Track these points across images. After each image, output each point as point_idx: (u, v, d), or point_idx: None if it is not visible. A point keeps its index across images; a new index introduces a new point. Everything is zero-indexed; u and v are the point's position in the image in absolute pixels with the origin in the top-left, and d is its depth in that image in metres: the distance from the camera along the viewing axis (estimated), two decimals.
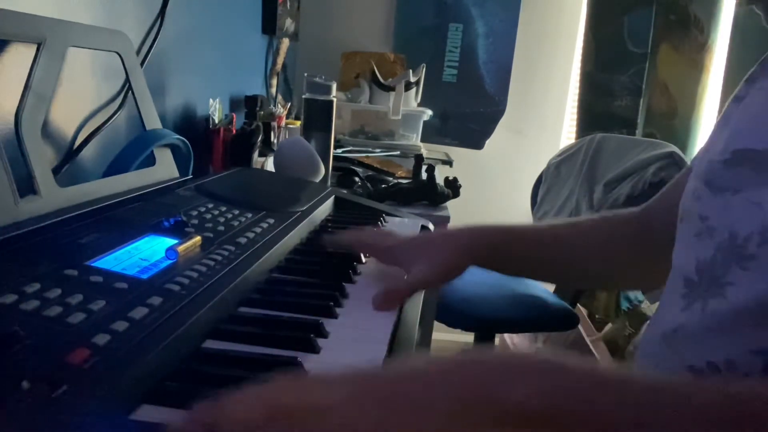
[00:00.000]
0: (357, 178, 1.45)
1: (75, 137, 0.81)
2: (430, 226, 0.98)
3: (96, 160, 0.85)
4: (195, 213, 0.69)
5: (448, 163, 2.12)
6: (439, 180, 1.39)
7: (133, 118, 0.87)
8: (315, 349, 0.47)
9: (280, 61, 1.98)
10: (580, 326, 1.94)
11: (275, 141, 1.49)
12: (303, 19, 2.29)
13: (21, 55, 0.64)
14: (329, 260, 0.70)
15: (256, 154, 1.28)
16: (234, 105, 1.56)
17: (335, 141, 1.49)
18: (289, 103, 1.89)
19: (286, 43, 2.00)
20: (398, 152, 1.95)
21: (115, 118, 0.89)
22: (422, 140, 2.14)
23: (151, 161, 0.82)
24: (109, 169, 0.78)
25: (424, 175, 1.39)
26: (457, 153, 2.36)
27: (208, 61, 1.39)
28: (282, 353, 0.46)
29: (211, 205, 0.73)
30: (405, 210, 1.09)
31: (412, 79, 2.10)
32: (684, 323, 0.47)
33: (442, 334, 2.32)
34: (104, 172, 0.78)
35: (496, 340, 1.96)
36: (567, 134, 2.57)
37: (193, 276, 0.52)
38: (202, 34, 1.32)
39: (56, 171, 0.73)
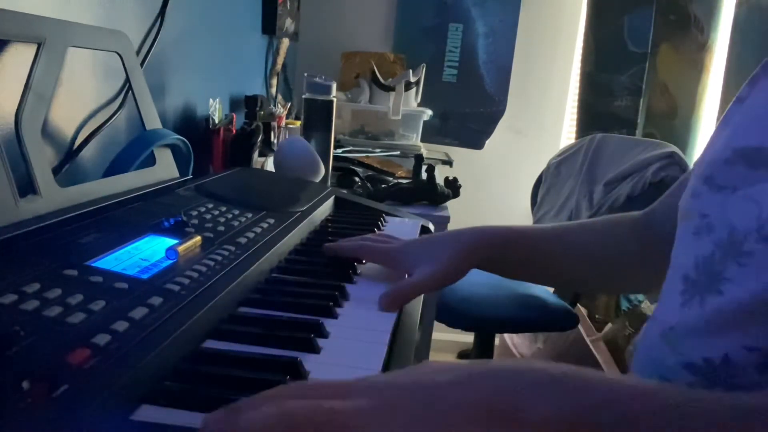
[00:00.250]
0: (357, 178, 1.45)
1: (75, 137, 0.81)
2: (430, 226, 0.98)
3: (96, 160, 0.85)
4: (195, 213, 0.69)
5: (448, 163, 2.12)
6: (439, 180, 1.39)
7: (133, 118, 0.87)
8: (315, 349, 0.47)
9: (280, 61, 1.98)
10: (580, 326, 1.94)
11: (275, 141, 1.49)
12: (303, 19, 2.29)
13: (21, 55, 0.64)
14: (329, 260, 0.70)
15: (256, 154, 1.28)
16: (234, 105, 1.57)
17: (335, 141, 1.49)
18: (289, 103, 1.89)
19: (286, 43, 2.00)
20: (398, 152, 1.95)
21: (115, 118, 0.89)
22: (422, 140, 2.15)
23: (151, 161, 0.82)
24: (109, 169, 0.78)
25: (424, 175, 1.39)
26: (457, 153, 2.36)
27: (208, 61, 1.39)
28: (282, 353, 0.46)
29: (211, 205, 0.73)
30: (405, 210, 1.09)
31: (412, 79, 2.09)
32: (682, 320, 0.47)
33: (442, 334, 2.33)
34: (104, 172, 0.78)
35: (496, 340, 1.96)
36: (567, 134, 2.57)
37: (194, 276, 0.52)
38: (202, 34, 1.32)
39: (56, 171, 0.73)
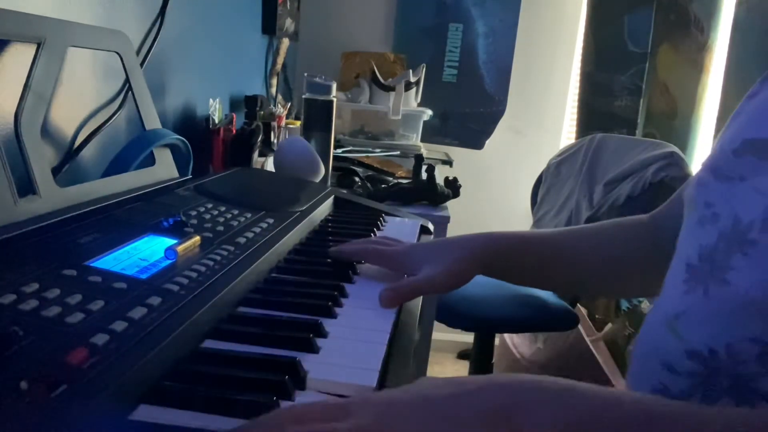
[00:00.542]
0: (357, 178, 1.45)
1: (75, 137, 0.81)
2: (430, 226, 0.98)
3: (96, 160, 0.85)
4: (194, 213, 0.69)
5: (448, 163, 2.12)
6: (439, 180, 1.39)
7: (133, 118, 0.87)
8: (314, 349, 0.47)
9: (280, 61, 1.98)
10: (580, 326, 1.94)
11: (275, 141, 1.49)
12: (303, 19, 2.29)
13: (21, 55, 0.64)
14: (329, 260, 0.70)
15: (256, 154, 1.28)
16: (234, 105, 1.57)
17: (335, 141, 1.49)
18: (289, 103, 1.89)
19: (286, 43, 2.00)
20: (398, 152, 1.95)
21: (115, 118, 0.89)
22: (422, 140, 2.15)
23: (151, 161, 0.82)
24: (109, 169, 0.78)
25: (424, 175, 1.39)
26: (457, 153, 2.36)
27: (208, 61, 1.39)
28: (281, 353, 0.46)
29: (210, 205, 0.73)
30: (405, 210, 1.09)
31: (412, 79, 2.09)
32: (686, 308, 0.47)
33: (442, 334, 2.32)
34: (104, 172, 0.78)
35: (496, 340, 1.96)
36: (567, 134, 2.57)
37: (193, 276, 0.52)
38: (202, 34, 1.32)
39: (56, 171, 0.73)
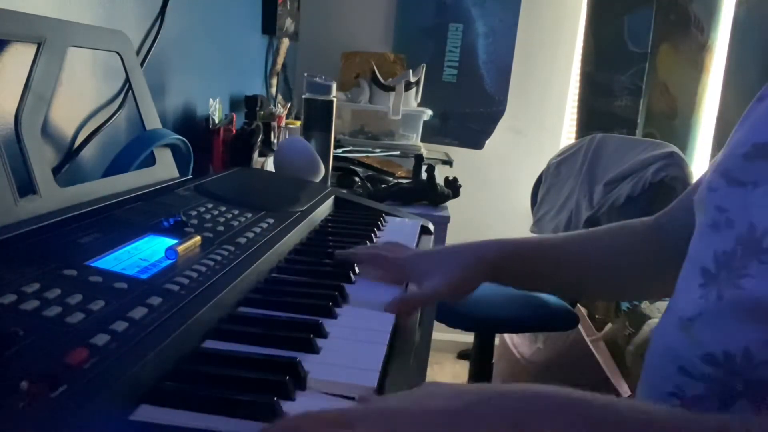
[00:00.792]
0: (357, 178, 1.45)
1: (75, 137, 0.81)
2: (430, 226, 0.98)
3: (96, 160, 0.85)
4: (195, 213, 0.69)
5: (448, 163, 2.11)
6: (439, 180, 1.39)
7: (133, 118, 0.87)
8: (314, 350, 0.47)
9: (280, 61, 1.98)
10: (580, 326, 1.94)
11: (275, 141, 1.49)
12: (303, 19, 2.29)
13: (21, 55, 0.64)
14: (329, 261, 0.70)
15: (256, 154, 1.28)
16: (234, 105, 1.56)
17: (335, 141, 1.49)
18: (289, 103, 1.89)
19: (286, 43, 2.00)
20: (398, 152, 1.95)
21: (115, 118, 0.89)
22: (422, 140, 2.14)
23: (151, 161, 0.82)
24: (109, 169, 0.78)
25: (424, 175, 1.39)
26: (457, 153, 2.36)
27: (208, 61, 1.39)
28: (282, 353, 0.46)
29: (210, 205, 0.73)
30: (405, 210, 1.09)
31: (412, 79, 2.09)
32: (702, 311, 0.47)
33: (442, 334, 2.32)
34: (104, 172, 0.78)
35: (496, 340, 1.96)
36: (567, 134, 2.57)
37: (193, 276, 0.52)
38: (202, 34, 1.32)
39: (56, 171, 0.73)
